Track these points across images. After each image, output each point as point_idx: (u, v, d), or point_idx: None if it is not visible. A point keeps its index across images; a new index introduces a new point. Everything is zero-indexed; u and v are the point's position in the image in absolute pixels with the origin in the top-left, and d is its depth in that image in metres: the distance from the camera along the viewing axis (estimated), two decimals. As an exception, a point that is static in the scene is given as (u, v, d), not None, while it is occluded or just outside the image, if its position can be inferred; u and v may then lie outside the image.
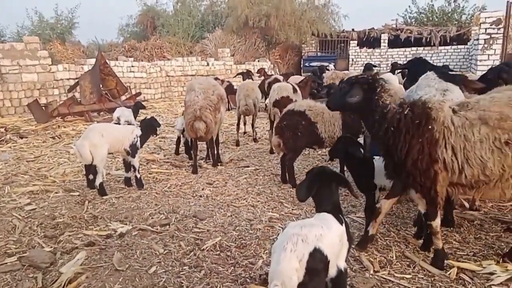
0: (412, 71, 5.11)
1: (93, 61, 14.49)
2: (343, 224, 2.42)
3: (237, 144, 8.48)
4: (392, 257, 3.49)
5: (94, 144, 5.06)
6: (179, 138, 7.44)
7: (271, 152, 7.41)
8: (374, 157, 3.78)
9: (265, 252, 3.61)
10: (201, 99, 5.88)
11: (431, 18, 30.65)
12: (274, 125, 5.98)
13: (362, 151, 3.76)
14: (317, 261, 2.12)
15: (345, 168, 5.15)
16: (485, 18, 15.15)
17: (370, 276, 3.17)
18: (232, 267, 3.36)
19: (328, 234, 2.23)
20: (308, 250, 2.12)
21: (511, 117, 2.89)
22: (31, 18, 29.38)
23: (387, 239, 3.83)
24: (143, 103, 11.19)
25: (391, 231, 3.99)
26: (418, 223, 3.90)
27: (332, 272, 2.28)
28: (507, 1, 14.05)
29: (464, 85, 4.20)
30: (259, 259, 3.46)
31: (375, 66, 12.06)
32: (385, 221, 4.14)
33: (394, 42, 27.77)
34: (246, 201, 4.96)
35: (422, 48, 26.74)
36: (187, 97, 6.09)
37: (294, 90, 7.40)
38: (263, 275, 3.15)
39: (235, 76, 15.77)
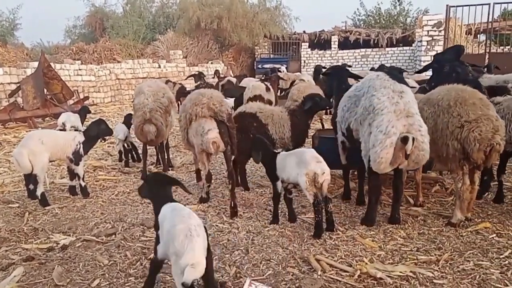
0: (334, 76, 5.48)
1: (36, 64, 13.80)
2: None
3: (189, 147, 8.35)
4: (340, 256, 3.54)
5: (33, 152, 4.78)
6: (125, 148, 7.00)
7: None
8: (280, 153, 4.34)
9: (215, 258, 3.54)
10: (151, 101, 5.73)
11: (378, 21, 31.76)
12: None
13: (266, 150, 4.34)
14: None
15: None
16: (427, 20, 15.92)
17: (318, 277, 3.19)
18: (180, 275, 3.27)
19: None
20: (203, 230, 2.58)
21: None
22: (-32, 19, 27.61)
23: (335, 239, 3.88)
24: (91, 107, 10.83)
25: (339, 231, 4.05)
26: None
27: None
28: (446, 5, 14.81)
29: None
30: (208, 266, 3.39)
31: (324, 68, 12.29)
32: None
33: (344, 44, 28.46)
34: (197, 206, 4.87)
35: (370, 49, 27.59)
36: (136, 100, 5.90)
37: (267, 89, 8.03)
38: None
39: (186, 78, 15.59)
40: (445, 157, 4.03)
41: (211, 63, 24.29)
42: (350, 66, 16.90)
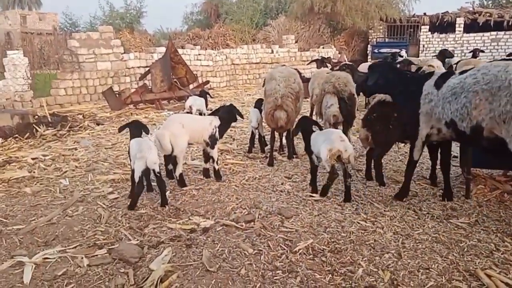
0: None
1: (162, 49, 14.73)
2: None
3: (310, 135, 8.15)
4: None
5: (174, 134, 4.95)
6: (253, 134, 6.90)
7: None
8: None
9: (364, 259, 3.29)
10: (282, 87, 5.63)
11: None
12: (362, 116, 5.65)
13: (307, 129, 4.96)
14: None
15: None
16: None
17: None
18: (330, 275, 3.08)
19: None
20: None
21: None
22: (103, 8, 30.63)
23: (503, 252, 3.36)
24: (209, 91, 11.24)
25: (507, 242, 3.51)
26: None
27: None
28: None
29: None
30: (359, 268, 3.15)
31: (482, 51, 11.99)
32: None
33: (471, 27, 25.78)
34: (331, 200, 4.64)
35: (503, 32, 24.61)
36: (268, 86, 5.84)
37: None
38: (368, 287, 2.84)
39: (309, 63, 15.35)
40: None
41: (323, 47, 23.73)
42: (482, 51, 15.26)
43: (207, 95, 9.82)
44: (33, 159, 6.59)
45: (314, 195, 4.77)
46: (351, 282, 2.99)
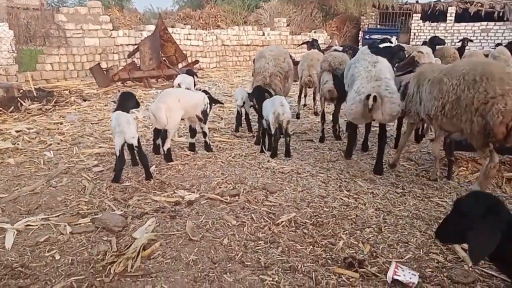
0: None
1: (151, 27, 14.48)
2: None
3: (297, 116, 8.18)
4: None
5: (170, 108, 4.91)
6: (239, 113, 6.89)
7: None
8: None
9: (345, 232, 3.35)
10: (272, 66, 5.63)
11: (504, -9, 28.20)
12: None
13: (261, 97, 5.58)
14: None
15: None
16: None
17: (470, 269, 2.83)
18: (311, 246, 3.13)
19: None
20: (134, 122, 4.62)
21: None
22: (92, -16, 29.92)
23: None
24: (198, 71, 11.12)
25: None
26: None
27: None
28: None
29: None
30: (339, 240, 3.21)
31: (470, 41, 12.00)
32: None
33: (462, 16, 25.82)
34: (316, 177, 4.69)
35: (493, 23, 24.71)
36: (257, 64, 5.83)
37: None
38: (348, 258, 2.89)
39: (299, 45, 15.25)
40: (470, 133, 3.78)
41: (314, 32, 23.59)
42: (471, 41, 15.35)
43: (194, 76, 9.72)
44: (17, 131, 6.50)
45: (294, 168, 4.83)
46: (332, 253, 3.05)
